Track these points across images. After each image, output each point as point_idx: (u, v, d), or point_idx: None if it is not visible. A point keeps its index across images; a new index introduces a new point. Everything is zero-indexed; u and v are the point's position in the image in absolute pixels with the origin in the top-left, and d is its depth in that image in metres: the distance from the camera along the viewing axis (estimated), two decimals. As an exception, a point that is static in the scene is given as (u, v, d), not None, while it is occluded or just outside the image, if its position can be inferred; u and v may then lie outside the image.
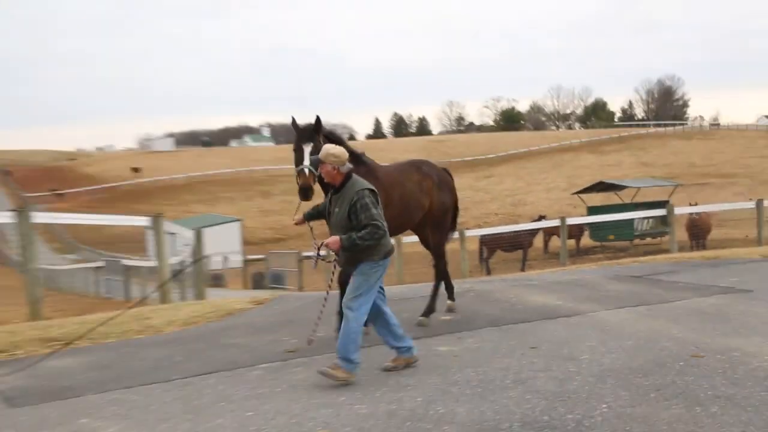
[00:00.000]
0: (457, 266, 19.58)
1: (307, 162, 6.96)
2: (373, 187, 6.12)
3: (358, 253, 5.98)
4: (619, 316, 8.29)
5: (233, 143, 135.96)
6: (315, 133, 7.13)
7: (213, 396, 5.81)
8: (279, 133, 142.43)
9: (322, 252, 6.23)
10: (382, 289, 6.30)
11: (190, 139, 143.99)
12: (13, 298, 16.36)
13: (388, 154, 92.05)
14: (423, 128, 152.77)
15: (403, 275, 20.05)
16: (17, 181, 78.23)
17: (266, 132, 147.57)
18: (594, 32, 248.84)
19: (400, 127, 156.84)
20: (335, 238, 5.92)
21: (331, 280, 6.64)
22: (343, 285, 6.67)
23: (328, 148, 6.14)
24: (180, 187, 77.55)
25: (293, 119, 7.28)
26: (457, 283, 12.72)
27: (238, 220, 50.65)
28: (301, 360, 6.89)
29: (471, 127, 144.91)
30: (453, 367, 6.38)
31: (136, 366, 6.96)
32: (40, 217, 11.59)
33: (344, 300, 6.09)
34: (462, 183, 72.86)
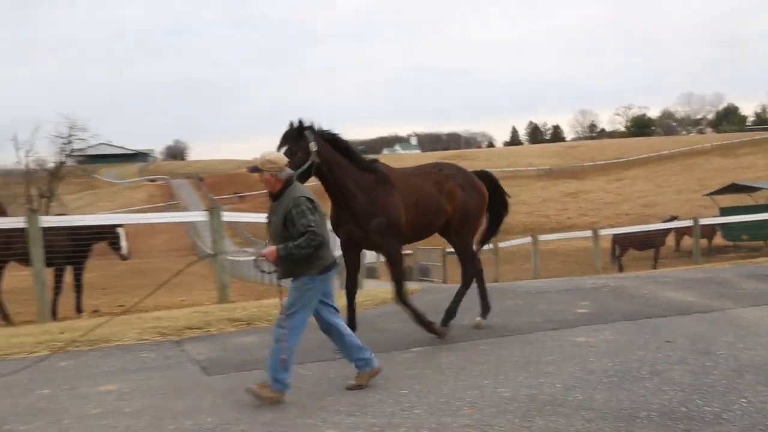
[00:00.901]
0: (591, 263, 18.88)
1: None
2: (311, 195, 5.18)
3: (295, 265, 5.10)
4: (756, 314, 7.66)
5: (385, 151, 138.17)
6: (297, 136, 6.18)
7: (371, 374, 5.88)
8: (425, 141, 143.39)
9: (264, 266, 5.23)
10: (331, 300, 5.40)
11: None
12: (205, 285, 17.42)
13: (525, 158, 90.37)
14: (557, 135, 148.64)
15: (540, 271, 19.59)
16: (208, 186, 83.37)
17: (414, 140, 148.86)
18: (724, 38, 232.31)
19: (536, 134, 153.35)
20: (272, 248, 5.07)
21: (280, 292, 5.36)
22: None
23: (265, 155, 5.25)
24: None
25: (290, 122, 6.26)
26: (591, 279, 12.27)
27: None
28: (447, 346, 6.87)
29: (602, 134, 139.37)
30: (590, 357, 6.13)
31: (304, 344, 7.17)
32: (226, 216, 12.25)
33: (277, 318, 5.22)
34: (594, 185, 70.74)
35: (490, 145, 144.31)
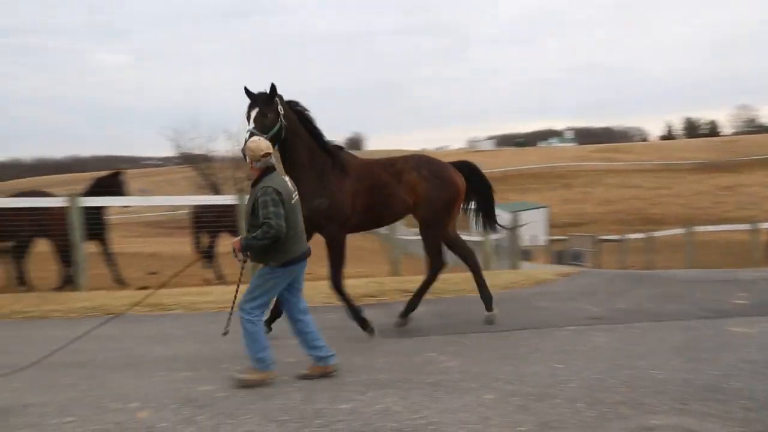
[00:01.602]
0: (748, 256, 17.15)
1: (251, 126, 5.65)
2: (279, 187, 4.73)
3: (262, 254, 4.78)
4: None
5: (541, 144, 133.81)
6: (268, 99, 5.75)
7: (527, 347, 5.77)
8: (581, 136, 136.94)
9: (238, 255, 4.85)
10: (298, 295, 4.98)
11: (507, 141, 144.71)
12: (374, 259, 17.93)
13: (680, 152, 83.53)
14: (713, 130, 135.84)
15: (694, 261, 18.09)
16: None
17: (569, 134, 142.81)
18: None
19: (691, 129, 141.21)
20: (237, 238, 4.81)
21: (239, 278, 5.04)
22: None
23: (248, 142, 4.94)
24: (497, 179, 77.87)
25: (245, 88, 5.78)
26: (749, 272, 11.12)
27: (545, 206, 50.01)
28: (603, 326, 6.55)
29: (761, 129, 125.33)
30: (749, 347, 5.57)
31: (466, 317, 7.17)
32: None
33: (240, 301, 4.83)
34: (753, 180, 63.90)
35: (643, 139, 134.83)
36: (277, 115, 5.80)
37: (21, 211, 9.88)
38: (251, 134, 5.49)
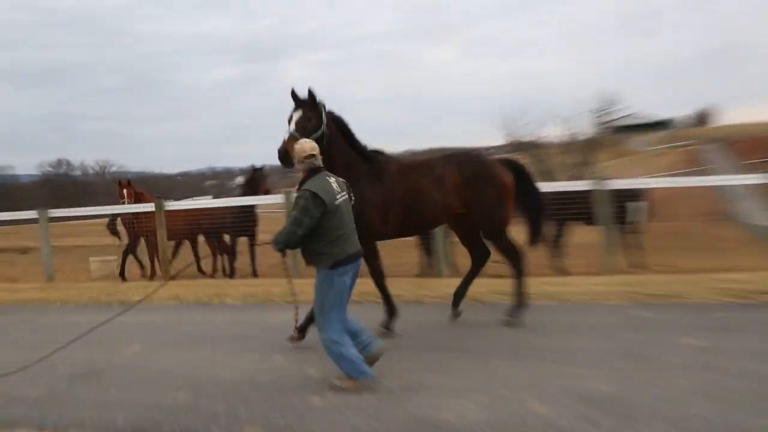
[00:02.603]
0: None
1: (291, 128, 5.72)
2: (319, 189, 4.66)
3: (308, 256, 4.82)
4: None
5: None
6: (313, 104, 5.86)
7: None
8: None
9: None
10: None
11: None
12: (742, 250, 15.69)
13: None
14: None
15: None
16: (738, 150, 75.60)
17: None
18: None
19: None
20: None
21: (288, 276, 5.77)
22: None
23: (298, 143, 5.00)
24: None
25: (292, 90, 5.89)
26: None
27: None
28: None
29: None
30: None
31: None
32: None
33: (316, 320, 4.87)
34: None
35: None
36: (319, 121, 5.90)
37: None
38: (291, 136, 5.61)
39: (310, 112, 5.88)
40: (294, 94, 5.90)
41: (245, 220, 11.73)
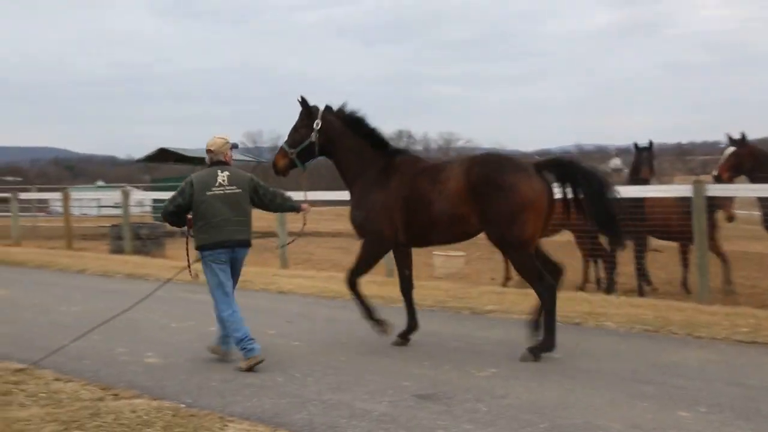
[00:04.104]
0: None
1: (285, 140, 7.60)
2: (197, 178, 6.70)
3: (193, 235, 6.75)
4: None
5: None
6: (304, 113, 7.43)
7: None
8: None
9: None
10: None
11: None
12: None
13: None
14: None
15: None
16: None
17: None
18: None
19: None
20: None
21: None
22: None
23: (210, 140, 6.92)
24: None
25: (301, 98, 7.49)
26: None
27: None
28: None
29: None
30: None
31: None
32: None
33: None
34: None
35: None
36: (309, 130, 7.31)
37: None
38: (281, 149, 7.53)
39: (300, 122, 7.40)
40: (300, 102, 7.39)
41: (638, 218, 10.50)
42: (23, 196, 24.31)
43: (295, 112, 7.45)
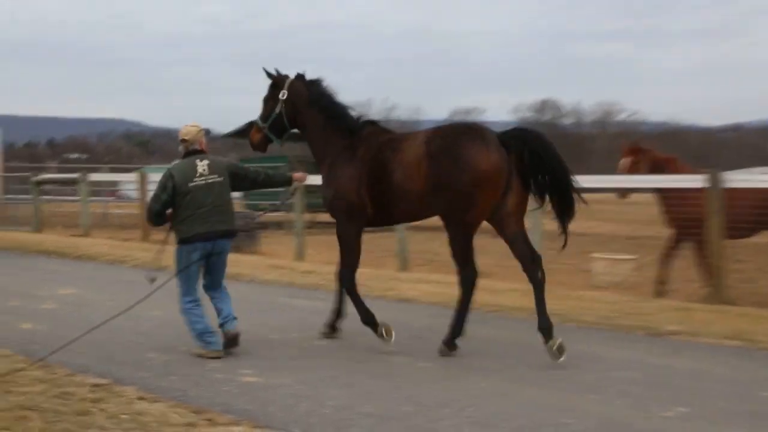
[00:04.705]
0: None
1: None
2: (176, 170, 7.76)
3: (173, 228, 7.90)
4: None
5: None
6: (271, 86, 8.60)
7: None
8: None
9: None
10: (218, 279, 7.96)
11: None
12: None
13: None
14: None
15: None
16: None
17: None
18: None
19: None
20: None
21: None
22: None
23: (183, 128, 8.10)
24: None
25: (264, 69, 8.73)
26: None
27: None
28: None
29: None
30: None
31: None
32: None
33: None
34: None
35: None
36: (275, 102, 8.42)
37: None
38: (254, 124, 8.63)
39: (268, 93, 8.49)
40: (268, 74, 8.52)
41: None
42: (94, 176, 24.38)
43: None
